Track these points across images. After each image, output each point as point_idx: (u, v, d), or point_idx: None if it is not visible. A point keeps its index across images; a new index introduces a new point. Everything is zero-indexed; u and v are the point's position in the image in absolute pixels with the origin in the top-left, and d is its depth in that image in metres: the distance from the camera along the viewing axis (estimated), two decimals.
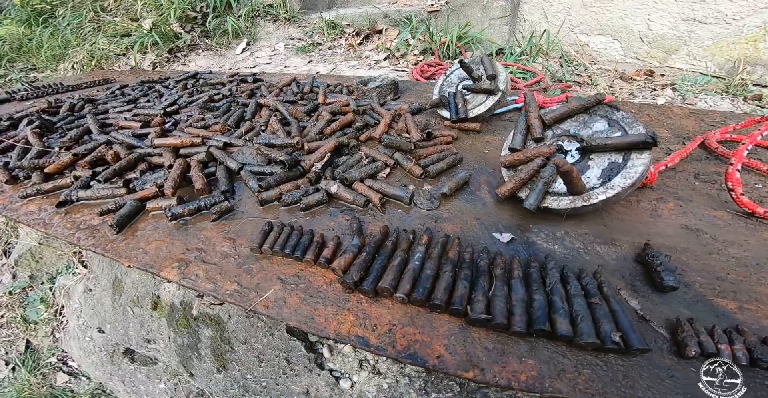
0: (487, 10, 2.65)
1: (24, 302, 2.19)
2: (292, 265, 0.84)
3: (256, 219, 0.98)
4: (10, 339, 2.24)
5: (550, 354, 0.63)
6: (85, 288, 1.74)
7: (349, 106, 1.57)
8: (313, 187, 1.04)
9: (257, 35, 3.31)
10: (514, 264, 0.77)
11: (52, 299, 2.03)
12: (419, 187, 1.09)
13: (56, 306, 2.05)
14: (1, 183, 1.23)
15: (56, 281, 1.99)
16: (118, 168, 1.13)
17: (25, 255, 2.01)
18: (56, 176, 1.26)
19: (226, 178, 1.11)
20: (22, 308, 2.14)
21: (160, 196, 1.07)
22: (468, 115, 1.35)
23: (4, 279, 2.55)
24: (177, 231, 0.96)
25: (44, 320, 2.02)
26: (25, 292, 2.23)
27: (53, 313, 2.04)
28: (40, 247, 1.98)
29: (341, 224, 0.96)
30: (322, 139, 1.30)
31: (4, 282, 2.55)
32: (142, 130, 1.47)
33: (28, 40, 3.15)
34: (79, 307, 1.85)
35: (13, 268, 2.56)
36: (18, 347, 2.18)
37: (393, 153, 1.20)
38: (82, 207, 1.07)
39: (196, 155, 1.19)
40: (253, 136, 1.36)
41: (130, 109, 1.79)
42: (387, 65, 2.79)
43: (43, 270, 2.04)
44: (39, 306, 2.06)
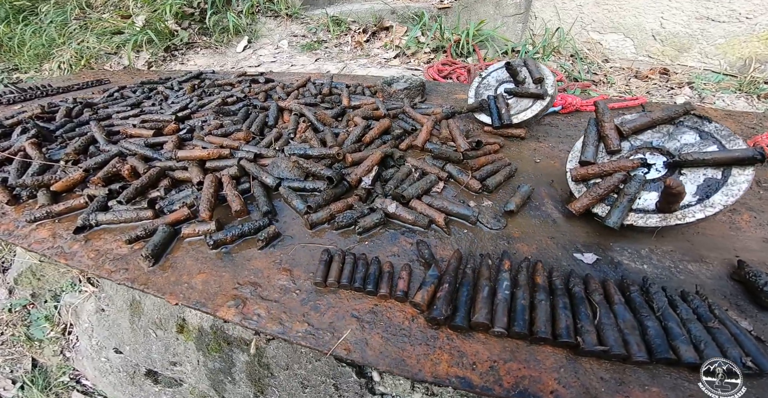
0: (501, 8, 2.53)
1: (26, 320, 1.99)
2: (363, 300, 0.72)
3: (308, 246, 0.85)
4: (13, 356, 2.04)
5: (673, 381, 0.58)
6: (97, 308, 1.57)
7: (378, 109, 1.43)
8: (368, 207, 0.91)
9: (258, 32, 3.09)
10: (610, 288, 0.70)
11: (58, 317, 1.84)
12: (478, 203, 0.98)
13: (63, 325, 1.86)
14: (1, 204, 1.05)
15: (61, 299, 1.81)
16: (140, 186, 0.97)
17: (25, 273, 1.81)
18: (64, 194, 1.09)
19: (265, 196, 0.97)
20: (26, 326, 1.95)
21: (192, 218, 0.93)
22: (512, 120, 1.24)
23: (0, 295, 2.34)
24: (221, 260, 0.82)
25: (51, 339, 1.84)
26: (26, 310, 2.03)
27: (60, 332, 1.85)
28: (41, 265, 1.79)
29: (405, 249, 0.84)
30: (361, 148, 1.17)
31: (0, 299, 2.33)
32: (154, 138, 1.30)
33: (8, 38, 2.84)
34: (90, 327, 1.68)
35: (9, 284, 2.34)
36: (24, 365, 1.99)
37: (444, 164, 1.08)
38: (103, 233, 0.91)
39: (226, 170, 1.04)
40: (283, 145, 1.21)
41: (137, 114, 1.60)
42: (398, 64, 2.64)
43: (45, 288, 1.85)
44: (44, 325, 1.88)
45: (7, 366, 2.04)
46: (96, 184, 1.04)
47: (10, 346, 2.08)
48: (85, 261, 0.83)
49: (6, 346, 2.08)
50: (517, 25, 2.61)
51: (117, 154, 1.17)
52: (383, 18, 3.02)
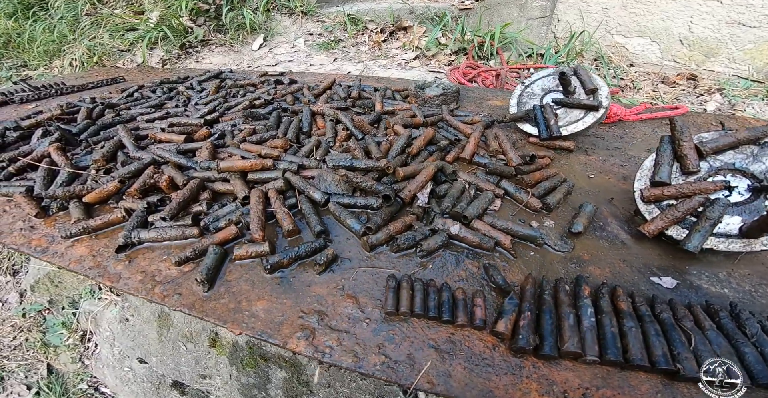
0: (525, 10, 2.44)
1: (42, 325, 1.92)
2: (438, 329, 0.67)
3: (369, 270, 0.79)
4: (27, 362, 1.98)
5: None
6: (121, 318, 1.50)
7: (416, 117, 1.36)
8: (429, 228, 0.85)
9: (273, 30, 2.98)
10: (699, 314, 0.68)
11: (77, 324, 1.78)
12: (539, 223, 0.92)
13: (81, 332, 1.80)
14: (28, 216, 0.98)
15: (80, 306, 1.74)
16: (183, 200, 0.90)
17: (42, 280, 1.73)
18: (96, 206, 1.01)
19: (316, 214, 0.90)
20: (42, 332, 1.88)
21: (240, 237, 0.86)
22: (561, 132, 1.17)
23: (10, 299, 2.26)
24: (279, 286, 0.75)
25: (69, 346, 1.77)
26: (41, 315, 1.96)
27: (78, 339, 1.79)
28: (59, 272, 1.71)
29: (472, 273, 0.78)
30: (408, 160, 1.10)
31: (10, 302, 2.26)
32: (186, 144, 1.22)
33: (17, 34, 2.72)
34: (111, 335, 1.62)
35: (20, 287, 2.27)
36: (40, 371, 1.93)
37: (498, 180, 1.01)
38: (146, 252, 0.85)
39: (271, 183, 0.97)
40: (324, 155, 1.14)
41: (162, 116, 1.51)
42: (418, 65, 2.55)
43: (62, 295, 1.78)
44: (61, 331, 1.81)
45: (22, 371, 1.97)
46: (132, 196, 0.97)
47: (24, 351, 2.01)
48: (133, 284, 0.76)
49: (20, 351, 2.02)
50: (542, 28, 2.53)
51: (151, 162, 1.10)
52: (401, 17, 2.92)
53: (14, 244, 0.89)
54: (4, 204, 1.06)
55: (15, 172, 1.16)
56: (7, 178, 1.16)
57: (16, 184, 1.10)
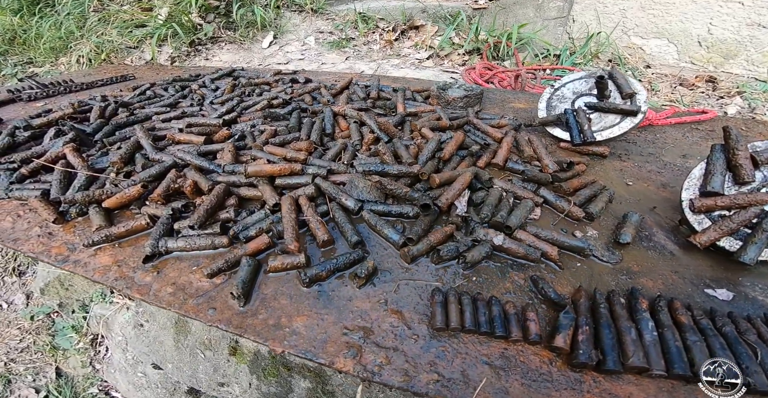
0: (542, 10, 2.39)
1: (51, 328, 1.87)
2: (489, 344, 0.64)
3: (411, 283, 0.74)
4: (35, 365, 1.93)
5: None
6: (135, 323, 1.45)
7: (441, 119, 1.31)
8: (471, 238, 0.80)
9: (283, 28, 2.92)
10: (760, 327, 0.65)
11: (87, 328, 1.73)
12: (582, 232, 0.87)
13: (91, 335, 1.75)
14: (45, 222, 0.93)
15: (90, 310, 1.69)
16: (210, 207, 0.85)
17: (52, 284, 1.68)
18: (116, 211, 0.96)
19: (350, 223, 0.85)
20: (51, 335, 1.83)
21: (272, 247, 0.81)
22: (595, 137, 1.12)
23: (16, 300, 2.21)
24: (318, 300, 0.71)
25: (80, 349, 1.73)
26: (49, 318, 1.91)
27: (89, 342, 1.74)
28: (70, 275, 1.66)
29: (519, 285, 0.74)
30: (439, 165, 1.05)
31: (17, 303, 2.21)
32: (206, 146, 1.17)
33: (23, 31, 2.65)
34: (124, 340, 1.57)
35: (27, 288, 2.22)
36: (49, 374, 1.88)
37: (536, 188, 0.97)
38: (174, 262, 0.80)
39: (301, 190, 0.92)
40: (351, 160, 1.09)
41: (178, 116, 1.46)
42: (431, 65, 2.50)
43: (73, 298, 1.72)
44: (71, 334, 1.76)
45: (29, 374, 1.92)
46: (155, 201, 0.92)
47: (32, 354, 1.96)
48: (164, 297, 0.71)
49: (27, 354, 1.97)
50: (558, 29, 2.48)
51: (172, 165, 1.05)
52: (413, 16, 2.86)
53: (33, 252, 0.84)
54: (18, 208, 1.00)
55: (28, 174, 1.11)
56: (20, 181, 1.10)
57: (30, 187, 1.05)
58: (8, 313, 2.15)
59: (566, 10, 2.38)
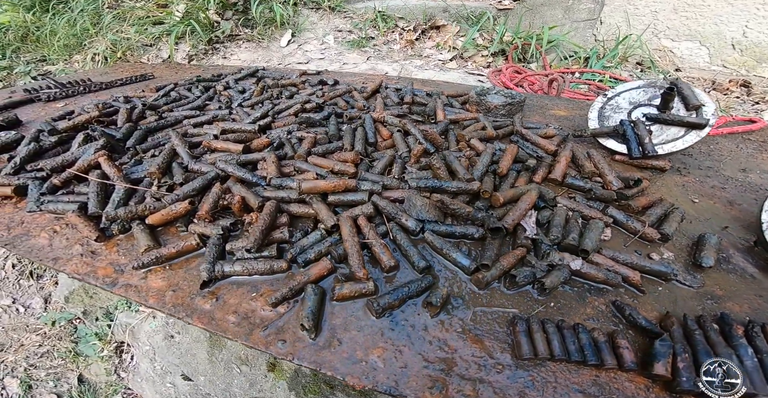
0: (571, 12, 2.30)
1: (73, 335, 1.82)
2: (579, 372, 0.60)
3: (483, 310, 0.69)
4: (56, 371, 1.88)
5: None
6: (165, 334, 1.40)
7: (486, 128, 1.24)
8: (545, 263, 0.74)
9: (301, 26, 2.82)
10: None
11: (112, 336, 1.68)
12: (659, 255, 0.82)
13: (115, 343, 1.70)
14: (86, 239, 0.86)
15: (115, 318, 1.64)
16: (265, 228, 0.79)
17: (77, 292, 1.63)
18: (159, 228, 0.90)
19: (414, 245, 0.79)
20: (74, 342, 1.78)
21: (333, 272, 0.75)
22: (657, 151, 1.06)
23: (34, 304, 2.16)
24: (392, 330, 0.65)
25: (104, 357, 1.68)
26: (71, 324, 1.86)
27: (113, 350, 1.69)
28: None
29: (601, 311, 0.69)
30: (498, 181, 0.98)
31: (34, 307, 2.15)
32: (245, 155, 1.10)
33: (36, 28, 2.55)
34: (152, 350, 1.52)
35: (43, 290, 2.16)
36: (70, 380, 1.83)
37: (603, 207, 0.90)
38: (232, 287, 0.74)
39: (358, 208, 0.86)
40: (401, 174, 1.02)
41: (209, 120, 1.39)
42: (455, 66, 2.42)
43: (96, 306, 1.67)
44: (94, 342, 1.71)
45: (51, 380, 1.88)
46: (204, 219, 0.85)
47: (52, 359, 1.91)
48: (228, 328, 0.66)
49: (48, 359, 1.92)
50: (587, 31, 2.39)
51: (215, 177, 0.98)
52: (434, 16, 2.77)
53: (77, 273, 0.78)
54: (53, 222, 0.94)
55: (60, 185, 1.04)
56: (52, 191, 1.04)
57: (63, 198, 0.98)
58: (26, 317, 2.10)
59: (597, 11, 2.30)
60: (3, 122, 1.56)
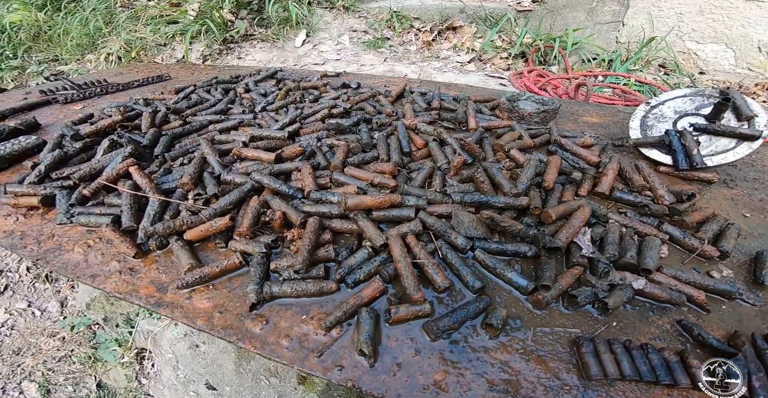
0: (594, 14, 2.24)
1: (92, 341, 1.80)
2: (648, 390, 0.59)
3: (543, 331, 0.66)
4: (75, 375, 1.86)
5: None
6: (190, 344, 1.37)
7: (522, 137, 1.20)
8: (606, 282, 0.71)
9: (315, 26, 2.77)
10: None
11: (132, 342, 1.65)
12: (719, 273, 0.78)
13: (135, 350, 1.68)
14: (123, 255, 0.83)
15: (136, 325, 1.61)
16: (311, 247, 0.75)
17: (98, 299, 1.60)
18: (197, 243, 0.86)
19: (467, 265, 0.76)
20: (93, 348, 1.76)
21: (385, 293, 0.72)
22: (705, 163, 1.02)
23: (50, 307, 2.14)
24: (451, 353, 0.63)
25: (125, 363, 1.65)
26: (90, 330, 1.84)
27: (133, 356, 1.67)
28: None
29: (665, 329, 0.68)
30: (544, 195, 0.95)
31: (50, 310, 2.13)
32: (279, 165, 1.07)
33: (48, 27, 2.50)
34: (174, 358, 1.49)
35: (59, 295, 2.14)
36: (89, 385, 1.81)
37: (657, 222, 0.87)
38: (280, 309, 0.71)
39: (406, 226, 0.82)
40: (443, 187, 0.99)
41: (235, 125, 1.35)
42: (474, 69, 2.37)
43: (117, 312, 1.64)
44: (114, 348, 1.68)
45: (69, 384, 1.86)
46: (245, 235, 0.82)
47: (70, 364, 1.89)
48: (283, 353, 0.63)
49: (66, 364, 1.90)
50: (610, 34, 2.33)
51: (251, 189, 0.94)
52: (451, 16, 2.71)
53: (119, 293, 0.75)
54: (85, 236, 0.90)
55: (90, 195, 1.01)
56: (81, 202, 1.00)
57: (95, 210, 0.95)
58: (42, 321, 2.08)
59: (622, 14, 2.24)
60: (21, 126, 1.52)
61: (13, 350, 1.98)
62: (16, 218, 0.98)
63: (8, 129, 1.47)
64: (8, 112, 1.72)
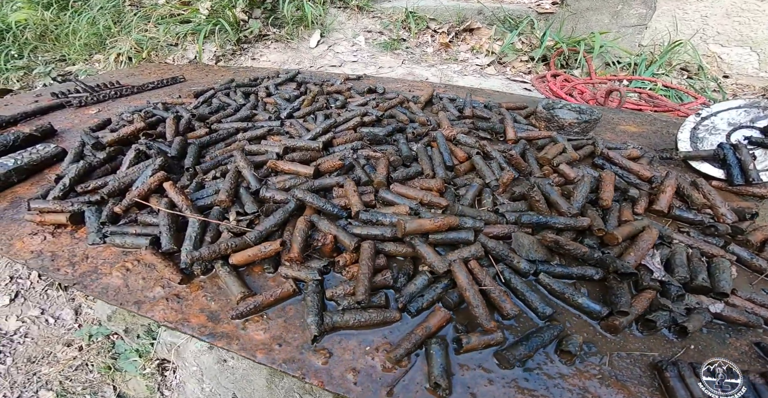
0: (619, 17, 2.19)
1: (111, 351, 1.75)
2: None
3: (620, 355, 0.63)
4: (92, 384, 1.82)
5: None
6: (218, 359, 1.32)
7: (566, 150, 1.15)
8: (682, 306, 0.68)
9: (329, 26, 2.69)
10: None
11: (154, 353, 1.60)
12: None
13: (157, 361, 1.63)
14: (167, 281, 0.78)
15: (158, 336, 1.56)
16: (370, 275, 0.71)
17: (119, 311, 1.54)
18: (242, 268, 0.81)
19: (533, 290, 0.72)
20: (113, 358, 1.71)
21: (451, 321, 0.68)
22: (762, 178, 0.98)
23: (64, 315, 2.08)
24: (525, 381, 0.61)
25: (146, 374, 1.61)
26: (109, 340, 1.78)
27: (155, 368, 1.62)
28: None
29: (742, 352, 0.66)
30: (602, 214, 0.90)
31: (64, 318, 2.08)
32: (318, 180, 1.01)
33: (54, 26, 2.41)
34: (199, 370, 1.45)
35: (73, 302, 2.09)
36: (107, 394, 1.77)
37: (723, 243, 0.83)
38: (340, 339, 0.66)
39: (467, 250, 0.78)
40: (494, 205, 0.94)
41: (263, 134, 1.29)
42: (494, 72, 2.31)
43: (138, 323, 1.59)
44: (135, 358, 1.64)
45: (87, 394, 1.81)
46: (296, 261, 0.77)
47: (87, 373, 1.85)
48: (352, 388, 0.59)
49: (82, 372, 1.85)
50: (635, 37, 2.28)
51: (295, 208, 0.89)
52: (468, 18, 2.64)
53: (168, 321, 0.70)
54: (121, 257, 0.85)
55: (122, 213, 0.95)
56: (112, 220, 0.94)
57: (129, 230, 0.89)
58: (56, 329, 2.02)
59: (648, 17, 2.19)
60: (37, 132, 1.46)
61: (28, 358, 1.93)
62: (44, 237, 0.93)
63: (23, 136, 1.41)
64: (20, 117, 1.65)
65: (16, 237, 0.94)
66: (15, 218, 1.01)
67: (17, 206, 1.06)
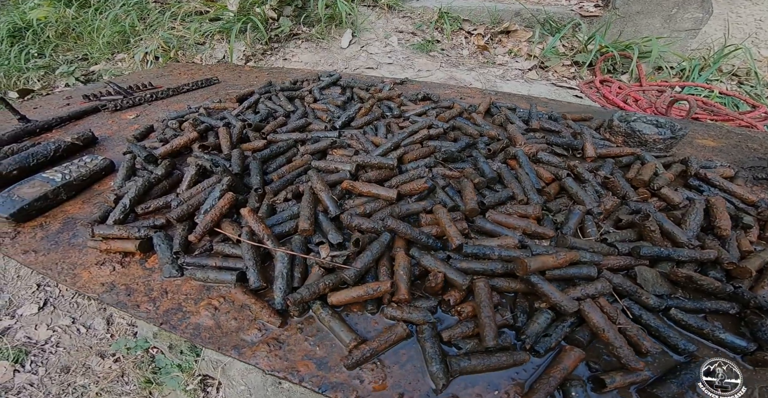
0: (673, 21, 2.08)
1: (151, 365, 1.68)
2: None
3: None
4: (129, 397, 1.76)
5: None
6: (273, 381, 1.26)
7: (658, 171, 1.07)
8: None
9: (360, 25, 2.58)
10: None
11: (197, 369, 1.54)
12: None
13: (199, 376, 1.57)
14: (262, 323, 0.70)
15: (202, 352, 1.49)
16: (492, 315, 0.63)
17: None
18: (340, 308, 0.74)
19: (669, 327, 0.65)
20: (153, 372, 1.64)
21: (583, 359, 0.61)
22: None
23: (95, 324, 2.01)
24: None
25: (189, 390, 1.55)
26: (147, 353, 1.72)
27: (198, 384, 1.56)
28: None
29: None
30: (720, 244, 0.83)
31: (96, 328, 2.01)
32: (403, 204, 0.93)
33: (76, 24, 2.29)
34: (247, 390, 1.39)
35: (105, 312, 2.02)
36: None
37: None
38: (464, 383, 0.60)
39: (592, 287, 0.70)
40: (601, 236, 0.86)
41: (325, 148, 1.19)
42: (536, 77, 2.21)
43: (182, 340, 1.52)
44: (176, 373, 1.57)
45: None
46: (405, 302, 0.69)
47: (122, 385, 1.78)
48: None
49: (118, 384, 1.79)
50: (689, 42, 2.18)
51: (390, 240, 0.81)
52: (503, 19, 2.53)
53: (276, 370, 0.63)
54: (205, 294, 0.78)
55: (197, 241, 0.87)
56: (186, 249, 0.86)
57: (208, 262, 0.82)
58: (88, 338, 1.95)
59: (704, 21, 2.08)
60: (79, 141, 1.36)
61: (61, 368, 1.87)
62: (113, 267, 0.85)
63: (65, 145, 1.32)
64: (54, 122, 1.55)
65: (79, 266, 0.86)
66: (73, 243, 0.93)
67: (71, 228, 0.98)
